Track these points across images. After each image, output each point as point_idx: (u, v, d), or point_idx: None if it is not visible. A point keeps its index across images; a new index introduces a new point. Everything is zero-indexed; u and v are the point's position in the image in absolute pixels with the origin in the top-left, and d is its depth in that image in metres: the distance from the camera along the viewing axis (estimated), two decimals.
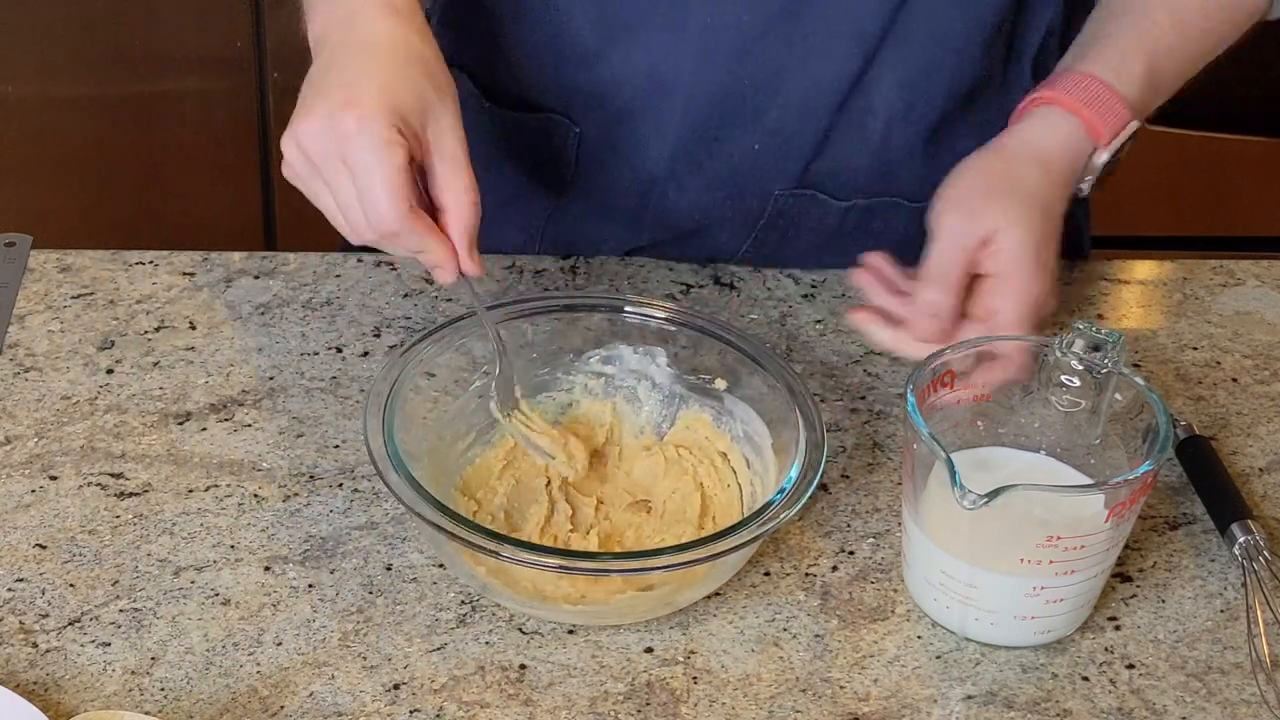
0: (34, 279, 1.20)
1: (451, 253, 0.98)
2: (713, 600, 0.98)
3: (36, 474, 1.04)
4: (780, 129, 1.17)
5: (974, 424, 1.00)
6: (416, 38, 1.01)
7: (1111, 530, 0.92)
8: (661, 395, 1.08)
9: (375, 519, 1.02)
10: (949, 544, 0.94)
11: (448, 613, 0.97)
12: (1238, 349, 1.20)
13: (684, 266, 1.25)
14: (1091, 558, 0.92)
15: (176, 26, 2.09)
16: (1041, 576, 0.92)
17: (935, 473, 0.92)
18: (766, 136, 1.18)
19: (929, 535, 0.95)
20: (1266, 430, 1.13)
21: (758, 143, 1.18)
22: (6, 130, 2.14)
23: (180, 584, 0.98)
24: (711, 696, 0.93)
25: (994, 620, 0.95)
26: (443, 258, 0.98)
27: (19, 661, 0.93)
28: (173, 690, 0.91)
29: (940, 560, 0.95)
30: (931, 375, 0.97)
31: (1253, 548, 1.01)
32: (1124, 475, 0.91)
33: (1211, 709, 0.94)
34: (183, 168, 2.19)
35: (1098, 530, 0.91)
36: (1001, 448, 1.00)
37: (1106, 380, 0.96)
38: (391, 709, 0.91)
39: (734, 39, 1.14)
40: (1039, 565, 0.92)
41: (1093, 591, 0.96)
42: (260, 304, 1.19)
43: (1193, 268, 1.29)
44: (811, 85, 1.15)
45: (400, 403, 0.99)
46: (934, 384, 0.97)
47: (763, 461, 1.02)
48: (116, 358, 1.14)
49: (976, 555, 0.93)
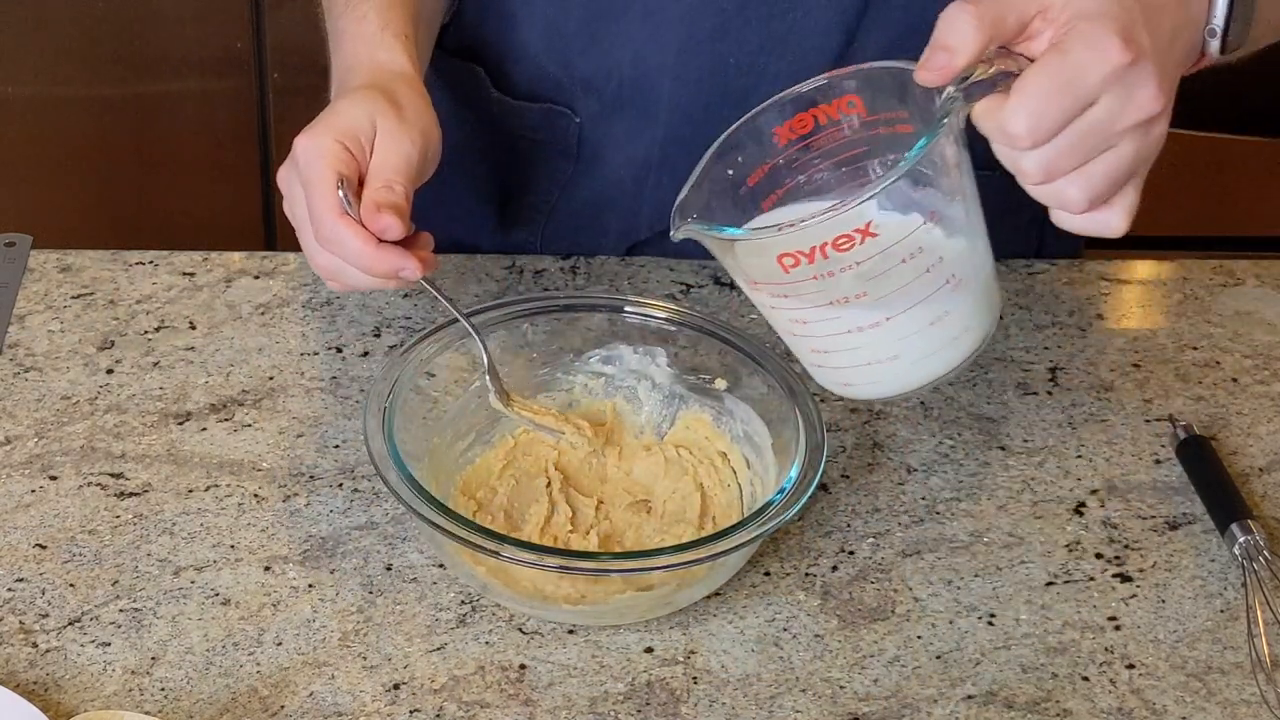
0: (34, 279, 1.20)
1: (380, 254, 0.96)
2: (713, 600, 0.98)
3: (36, 474, 1.04)
4: None
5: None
6: (384, 54, 1.04)
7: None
8: (661, 395, 1.08)
9: (375, 519, 1.02)
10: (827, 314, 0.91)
11: (448, 613, 0.97)
12: (1238, 349, 1.20)
13: (684, 266, 1.25)
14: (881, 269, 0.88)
15: (176, 26, 2.09)
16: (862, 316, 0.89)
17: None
18: None
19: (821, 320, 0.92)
20: (1266, 430, 1.13)
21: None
22: (6, 130, 2.14)
23: (180, 584, 0.98)
24: (711, 696, 0.93)
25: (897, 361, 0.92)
26: (367, 259, 0.96)
27: (19, 661, 0.93)
28: (173, 690, 0.91)
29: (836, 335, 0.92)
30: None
31: (1253, 548, 1.01)
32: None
33: (1211, 709, 0.94)
34: (183, 168, 2.19)
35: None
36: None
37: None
38: (391, 709, 0.91)
39: (715, 20, 1.14)
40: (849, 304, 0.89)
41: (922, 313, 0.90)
42: (260, 304, 1.19)
43: (1193, 268, 1.28)
44: (796, 62, 1.15)
45: (400, 403, 0.99)
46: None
47: (763, 462, 1.02)
48: (116, 358, 1.14)
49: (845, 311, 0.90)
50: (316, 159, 0.96)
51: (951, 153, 0.88)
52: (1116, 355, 1.19)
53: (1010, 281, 1.25)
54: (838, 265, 0.87)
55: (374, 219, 0.95)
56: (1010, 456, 1.10)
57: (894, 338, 0.91)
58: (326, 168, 0.96)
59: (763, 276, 0.90)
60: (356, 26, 1.07)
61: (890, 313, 0.90)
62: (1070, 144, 0.85)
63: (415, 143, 0.99)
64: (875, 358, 0.92)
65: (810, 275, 0.88)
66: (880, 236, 0.86)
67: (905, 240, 0.88)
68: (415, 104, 1.01)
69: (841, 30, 1.14)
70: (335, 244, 0.96)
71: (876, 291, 0.89)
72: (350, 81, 1.04)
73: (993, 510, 1.06)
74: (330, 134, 0.97)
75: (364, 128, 0.98)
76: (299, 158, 0.97)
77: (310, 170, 0.97)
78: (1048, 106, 0.84)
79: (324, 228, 0.96)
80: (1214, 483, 1.06)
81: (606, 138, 1.22)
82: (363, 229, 0.95)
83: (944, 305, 0.90)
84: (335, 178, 0.96)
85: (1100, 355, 1.19)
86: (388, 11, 1.07)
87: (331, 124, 0.98)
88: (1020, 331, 1.20)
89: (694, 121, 1.19)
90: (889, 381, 0.94)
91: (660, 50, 1.17)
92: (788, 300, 0.91)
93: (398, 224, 0.95)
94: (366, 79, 1.03)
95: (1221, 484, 1.06)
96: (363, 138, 0.98)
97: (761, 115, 0.95)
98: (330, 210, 0.95)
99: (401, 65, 1.04)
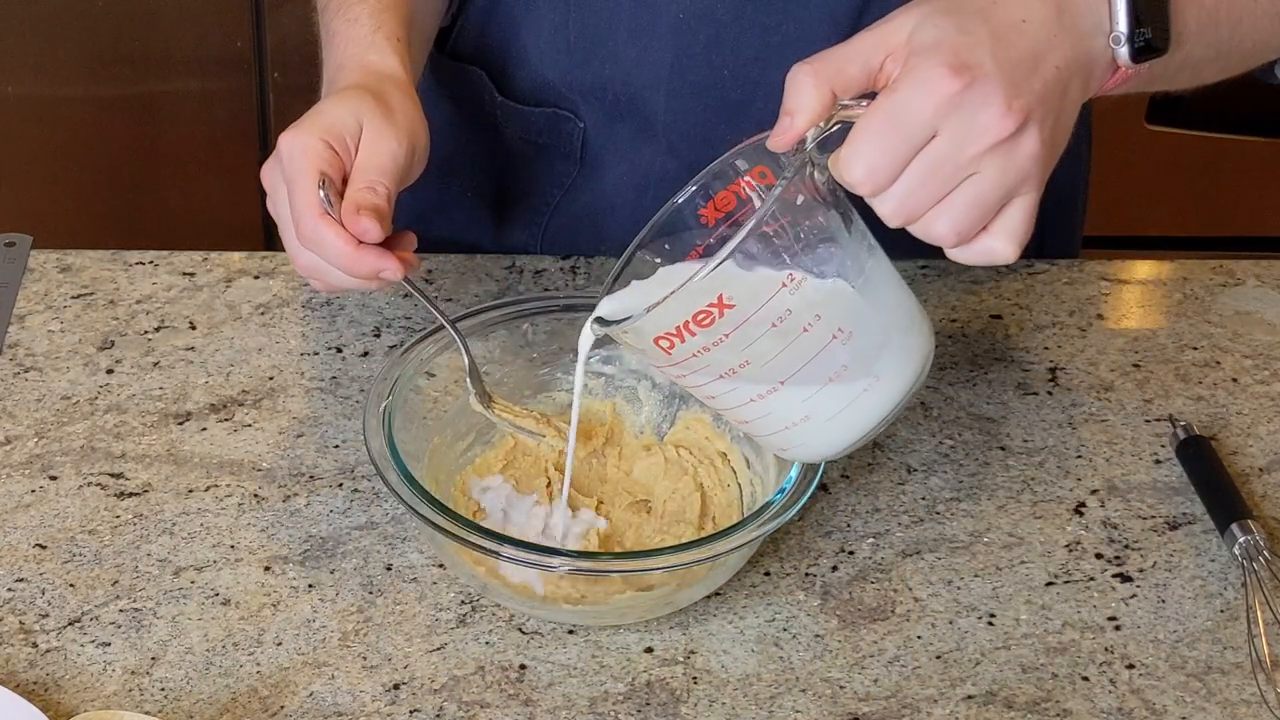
0: (34, 279, 1.20)
1: (359, 255, 0.95)
2: (713, 600, 0.98)
3: (36, 474, 1.04)
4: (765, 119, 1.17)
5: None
6: (375, 56, 1.04)
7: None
8: (661, 395, 1.08)
9: (375, 519, 1.03)
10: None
11: (448, 613, 0.97)
12: (1238, 349, 1.20)
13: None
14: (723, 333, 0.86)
15: (176, 26, 2.09)
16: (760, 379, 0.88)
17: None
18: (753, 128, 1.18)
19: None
20: (1266, 430, 1.13)
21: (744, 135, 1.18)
22: (6, 130, 2.14)
23: (180, 584, 0.98)
24: (711, 696, 0.93)
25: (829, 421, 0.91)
26: (346, 259, 0.95)
27: (19, 661, 0.93)
28: (173, 690, 0.91)
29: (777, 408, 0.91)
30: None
31: (1253, 548, 1.01)
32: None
33: (1211, 709, 0.94)
34: (183, 168, 2.19)
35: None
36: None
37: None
38: (391, 709, 0.91)
39: (709, 31, 1.14)
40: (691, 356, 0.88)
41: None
42: (260, 304, 1.19)
43: (1193, 268, 1.28)
44: None
45: (400, 403, 0.99)
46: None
47: (763, 462, 1.02)
48: (116, 358, 1.14)
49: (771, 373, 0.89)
50: (299, 156, 0.96)
51: (814, 206, 0.86)
52: (1116, 355, 1.19)
53: (1010, 281, 1.25)
54: (709, 340, 0.86)
55: (353, 221, 0.94)
56: (1010, 456, 1.10)
57: (797, 400, 0.90)
58: (310, 165, 0.95)
59: (656, 359, 0.90)
60: (348, 29, 1.06)
61: (781, 377, 0.88)
62: (919, 180, 0.84)
63: (402, 143, 0.99)
64: (788, 421, 0.91)
65: (690, 353, 0.87)
66: (737, 307, 0.85)
67: (768, 305, 0.86)
68: (404, 106, 1.01)
69: (835, 40, 1.14)
70: (315, 244, 0.95)
71: (758, 359, 0.87)
72: (339, 81, 1.03)
73: (993, 510, 1.06)
74: (315, 132, 0.97)
75: (350, 126, 0.98)
76: (282, 154, 0.97)
77: (293, 167, 0.96)
78: (880, 148, 0.83)
79: (305, 227, 0.95)
80: (1214, 483, 1.06)
81: (609, 144, 1.22)
82: (343, 229, 0.94)
83: (839, 359, 0.89)
84: (318, 176, 0.95)
85: (1100, 355, 1.19)
86: (380, 14, 1.07)
87: (317, 122, 0.97)
88: (1020, 331, 1.20)
89: (690, 132, 1.19)
90: (815, 443, 0.93)
91: (653, 65, 1.16)
92: (687, 378, 0.91)
93: (376, 227, 0.94)
94: (356, 79, 1.02)
95: (1221, 484, 1.06)
96: (348, 136, 0.97)
97: (685, 203, 0.95)
98: (311, 209, 0.95)
99: (392, 67, 1.04)
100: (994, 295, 1.23)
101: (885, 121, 0.83)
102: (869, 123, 0.84)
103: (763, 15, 1.13)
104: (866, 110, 0.85)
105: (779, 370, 0.88)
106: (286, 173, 0.97)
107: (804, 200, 0.86)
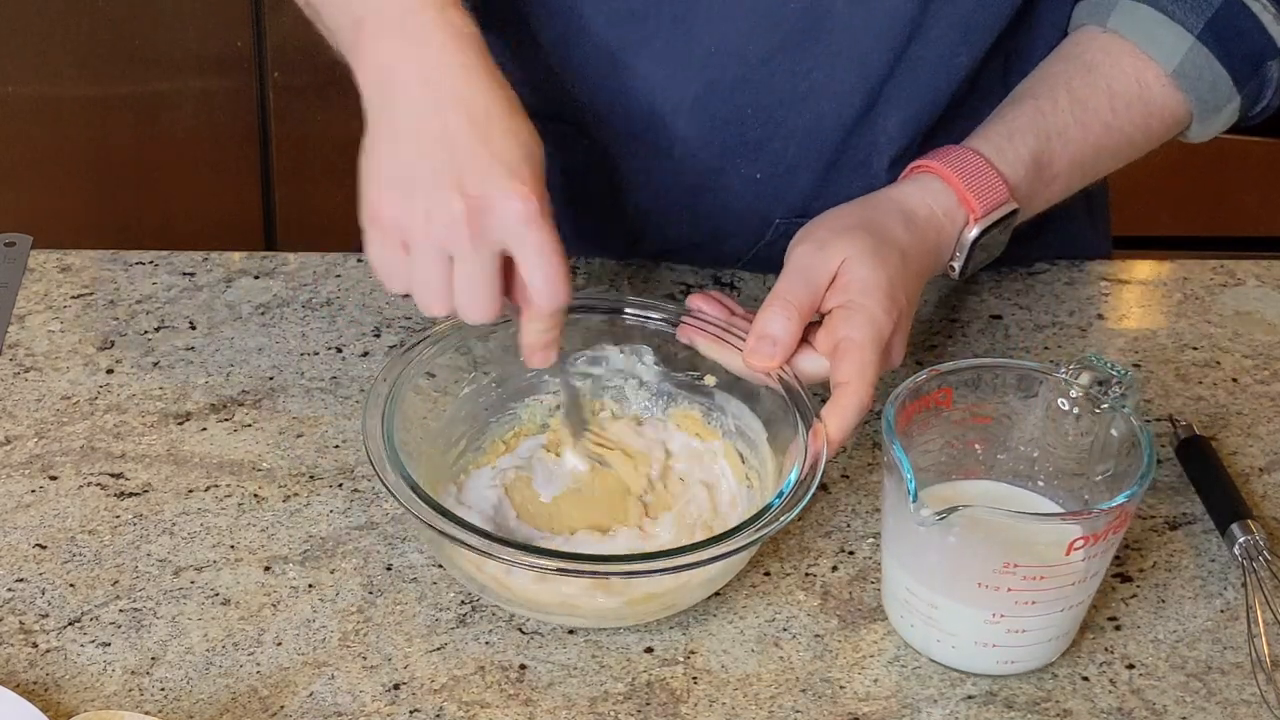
0: (34, 279, 1.20)
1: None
2: (713, 600, 0.98)
3: (36, 474, 1.04)
4: (782, 160, 1.16)
5: (971, 446, 0.98)
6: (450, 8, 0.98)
7: (1079, 563, 0.90)
8: (649, 394, 1.08)
9: (375, 519, 1.03)
10: (911, 563, 0.93)
11: (448, 613, 0.97)
12: (1238, 349, 1.20)
13: (684, 267, 1.25)
14: (1056, 590, 0.90)
15: (176, 26, 2.09)
16: (1000, 604, 0.91)
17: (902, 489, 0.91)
18: (768, 167, 1.17)
19: (895, 553, 0.94)
20: (1266, 430, 1.13)
21: (759, 172, 1.17)
22: (6, 130, 2.14)
23: (180, 584, 0.98)
24: (711, 696, 0.93)
25: (955, 644, 0.94)
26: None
27: (19, 661, 0.93)
28: (173, 690, 0.91)
29: (903, 579, 0.94)
30: (916, 394, 0.95)
31: (1253, 548, 1.01)
32: (1094, 507, 0.90)
33: (1211, 709, 0.94)
34: (183, 168, 2.19)
35: (1060, 562, 0.89)
36: (989, 481, 0.98)
37: (1107, 416, 0.95)
38: (391, 709, 0.91)
39: (737, 69, 1.13)
40: (997, 592, 0.90)
41: (1061, 626, 0.94)
42: (260, 304, 1.19)
43: (1193, 268, 1.28)
44: (815, 119, 1.14)
45: (400, 403, 0.99)
46: (924, 401, 0.96)
47: (758, 455, 1.02)
48: (116, 358, 1.14)
49: (935, 577, 0.92)
50: (543, 223, 0.95)
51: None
52: (1116, 355, 1.19)
53: (1010, 281, 1.25)
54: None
55: (532, 357, 0.99)
56: None
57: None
58: (552, 232, 0.95)
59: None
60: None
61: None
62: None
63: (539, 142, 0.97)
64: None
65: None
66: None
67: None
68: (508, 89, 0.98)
69: (863, 94, 1.13)
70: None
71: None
72: (420, 32, 0.96)
73: None
74: (535, 183, 0.94)
75: (538, 155, 0.96)
76: (512, 217, 0.94)
77: (539, 233, 0.95)
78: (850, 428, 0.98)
79: (560, 300, 0.97)
80: (1214, 483, 1.06)
81: (616, 168, 1.21)
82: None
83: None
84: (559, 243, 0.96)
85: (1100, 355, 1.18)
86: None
87: (528, 170, 0.94)
88: (1020, 331, 1.20)
89: (706, 166, 1.17)
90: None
91: (678, 92, 1.14)
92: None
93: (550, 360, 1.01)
94: (459, 42, 0.97)
95: (1221, 484, 1.06)
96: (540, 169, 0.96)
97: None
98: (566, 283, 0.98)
99: (471, 26, 0.98)
100: (994, 295, 1.23)
101: (859, 407, 0.98)
102: (849, 416, 0.98)
103: (793, 61, 1.12)
104: (833, 406, 0.98)
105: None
106: (521, 236, 0.95)
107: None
